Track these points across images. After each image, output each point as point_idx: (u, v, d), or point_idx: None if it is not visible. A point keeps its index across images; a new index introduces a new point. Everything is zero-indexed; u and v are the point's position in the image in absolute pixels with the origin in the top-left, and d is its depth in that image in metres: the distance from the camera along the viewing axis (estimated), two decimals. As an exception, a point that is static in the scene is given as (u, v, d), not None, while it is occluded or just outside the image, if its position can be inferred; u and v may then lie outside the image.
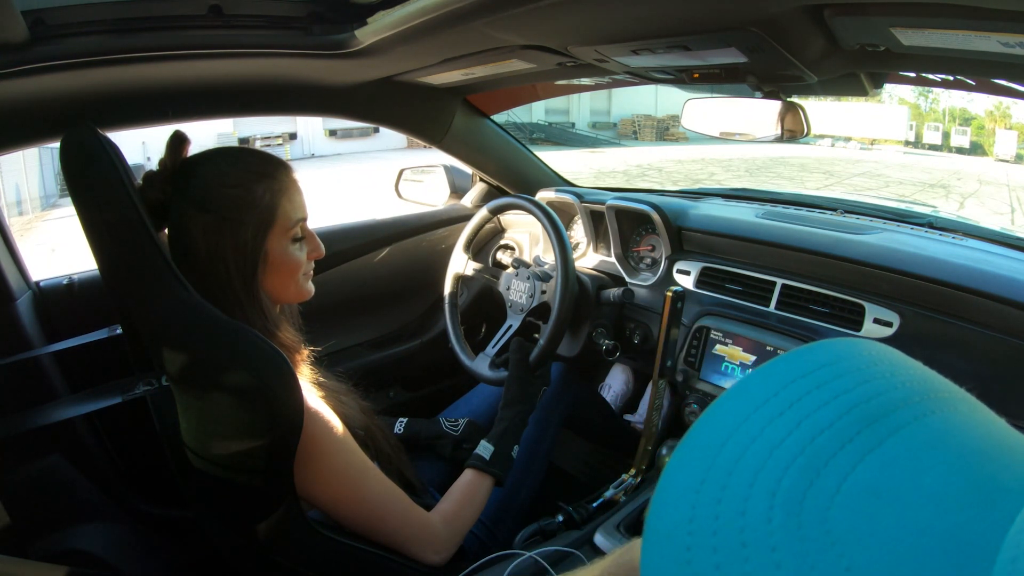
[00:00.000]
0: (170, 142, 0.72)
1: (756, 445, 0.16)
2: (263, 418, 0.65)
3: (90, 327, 0.96)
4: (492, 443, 0.93)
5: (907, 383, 0.17)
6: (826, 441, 0.15)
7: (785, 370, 0.18)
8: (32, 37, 0.75)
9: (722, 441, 0.17)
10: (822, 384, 0.17)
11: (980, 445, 0.15)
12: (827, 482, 0.15)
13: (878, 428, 0.15)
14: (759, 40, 0.75)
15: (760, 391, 0.17)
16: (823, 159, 19.44)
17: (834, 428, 0.16)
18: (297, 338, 0.79)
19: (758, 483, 0.15)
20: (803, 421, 0.16)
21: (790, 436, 0.16)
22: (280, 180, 0.74)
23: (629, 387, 1.55)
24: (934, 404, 0.16)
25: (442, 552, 0.82)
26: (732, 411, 0.17)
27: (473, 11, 0.73)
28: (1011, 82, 0.84)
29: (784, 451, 0.15)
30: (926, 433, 0.15)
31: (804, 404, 0.16)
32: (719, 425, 0.17)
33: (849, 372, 0.17)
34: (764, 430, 0.16)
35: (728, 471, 0.16)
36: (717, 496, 0.15)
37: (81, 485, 1.03)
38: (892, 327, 0.98)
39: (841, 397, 0.16)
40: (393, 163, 2.42)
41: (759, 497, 0.15)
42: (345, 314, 1.45)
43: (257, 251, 0.72)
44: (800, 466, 0.15)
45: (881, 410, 0.16)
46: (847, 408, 0.16)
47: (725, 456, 0.16)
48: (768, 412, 0.17)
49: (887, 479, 0.14)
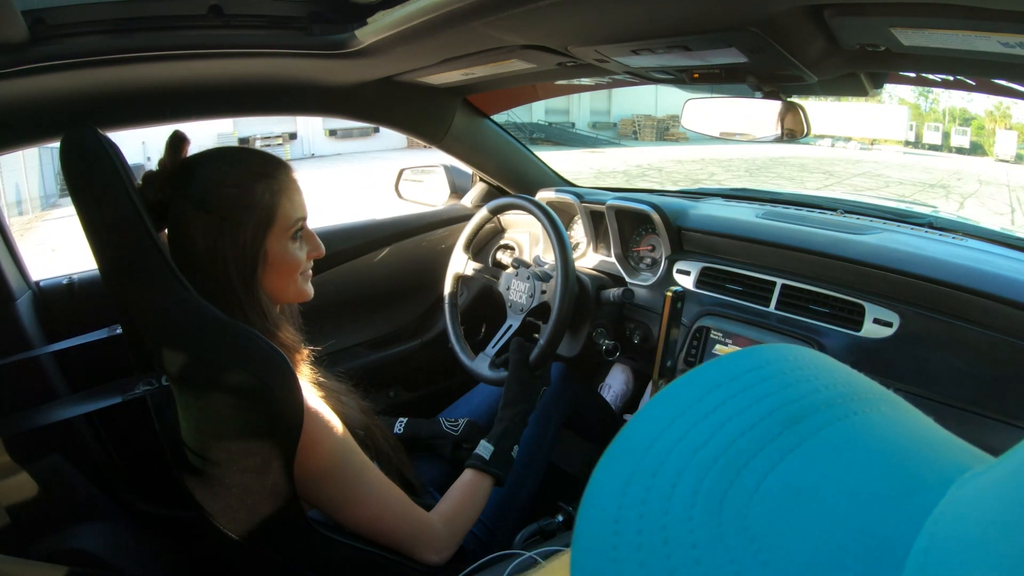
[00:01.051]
0: (169, 142, 0.72)
1: (680, 447, 0.16)
2: (263, 418, 0.65)
3: (90, 327, 0.96)
4: (492, 443, 0.93)
5: (830, 386, 0.17)
6: (747, 442, 0.16)
7: (711, 375, 0.18)
8: (32, 37, 0.75)
9: (648, 444, 0.17)
10: (746, 388, 0.17)
11: (900, 443, 0.16)
12: (746, 481, 0.15)
13: (799, 429, 0.16)
14: (759, 40, 0.75)
15: (686, 395, 0.18)
16: (823, 159, 19.45)
17: (756, 430, 0.16)
18: (297, 338, 0.79)
19: (681, 483, 0.16)
20: (726, 423, 0.16)
21: (713, 438, 0.16)
22: (280, 180, 0.74)
23: (629, 387, 1.55)
24: (856, 406, 0.17)
25: (442, 552, 0.82)
26: (659, 415, 0.18)
27: (473, 11, 0.73)
28: (1011, 82, 0.84)
29: (707, 452, 0.16)
30: (846, 433, 0.16)
31: (728, 407, 0.17)
32: (646, 428, 0.18)
33: (773, 376, 0.18)
34: (688, 432, 0.17)
35: (653, 472, 0.16)
36: (642, 496, 0.16)
37: (81, 485, 1.03)
38: (892, 327, 0.98)
39: (764, 400, 0.17)
40: (393, 163, 2.42)
41: (681, 496, 0.15)
42: (345, 314, 1.45)
43: (257, 251, 0.72)
44: (721, 466, 0.16)
45: (803, 412, 0.16)
46: (769, 411, 0.16)
47: (650, 458, 0.17)
48: (693, 415, 0.17)
49: (805, 477, 0.15)
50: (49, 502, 0.99)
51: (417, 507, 0.80)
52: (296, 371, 0.74)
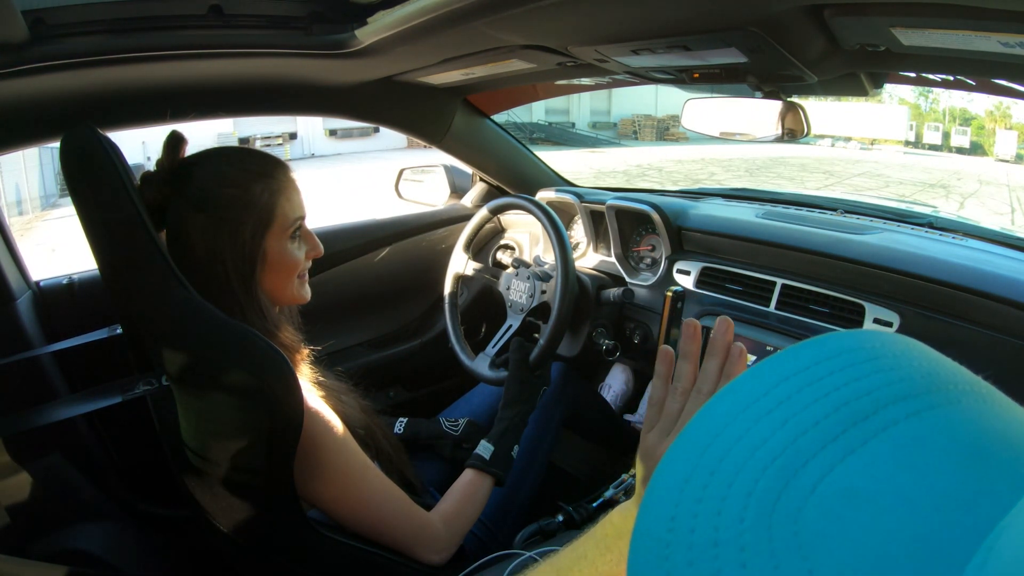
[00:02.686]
0: (167, 142, 0.72)
1: (740, 445, 0.16)
2: (263, 418, 0.65)
3: (90, 327, 0.95)
4: (492, 443, 0.93)
5: (907, 378, 0.16)
6: (808, 441, 0.15)
7: (781, 366, 0.17)
8: (32, 37, 0.75)
9: (709, 441, 0.16)
10: (815, 380, 0.16)
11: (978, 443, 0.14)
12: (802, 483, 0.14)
13: (865, 427, 0.15)
14: (759, 40, 0.75)
15: (752, 389, 0.17)
16: (823, 159, 19.44)
17: (819, 427, 0.15)
18: (297, 338, 0.79)
19: (736, 483, 0.15)
20: (789, 420, 0.16)
21: (774, 436, 0.15)
22: (278, 180, 0.74)
23: (629, 387, 1.55)
24: (935, 399, 0.15)
25: (442, 552, 0.82)
26: (722, 410, 0.17)
27: (473, 11, 0.73)
28: (1011, 82, 0.84)
29: (766, 451, 0.15)
30: (918, 431, 0.15)
31: (793, 402, 0.16)
32: (708, 425, 0.17)
33: (847, 367, 0.16)
34: (750, 430, 0.16)
35: (711, 471, 0.16)
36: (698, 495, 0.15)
37: (81, 485, 1.03)
38: (892, 327, 0.98)
39: (832, 394, 0.16)
40: (393, 163, 2.42)
41: (736, 497, 0.15)
42: (345, 314, 1.45)
43: (255, 251, 0.72)
44: (779, 467, 0.15)
45: (872, 407, 0.15)
46: (836, 406, 0.15)
47: (710, 456, 0.16)
48: (756, 411, 0.16)
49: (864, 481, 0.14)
50: (49, 502, 0.99)
51: (417, 507, 0.80)
52: (296, 371, 0.74)
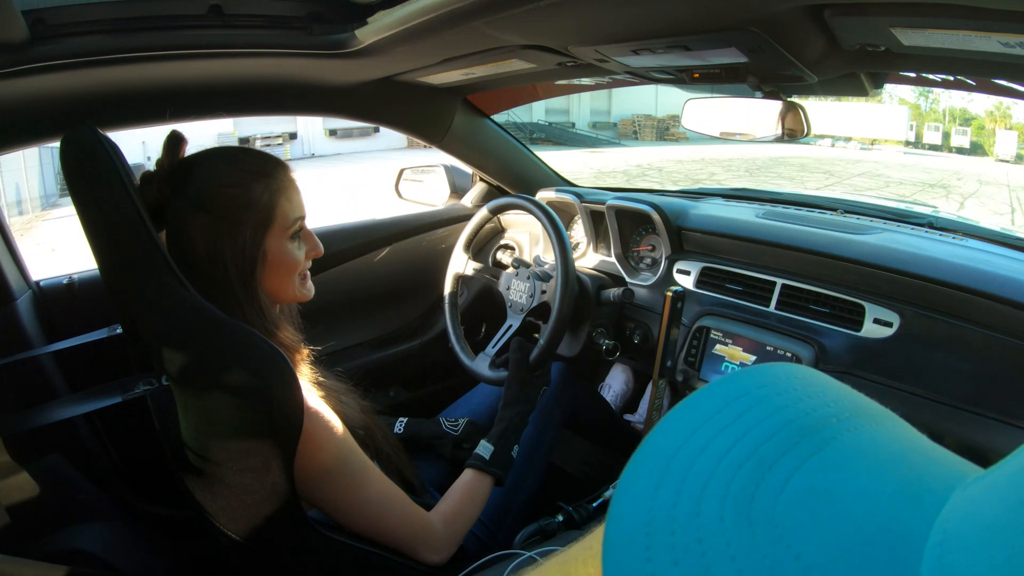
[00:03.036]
0: (167, 142, 0.72)
1: (706, 453, 0.18)
2: (263, 418, 0.65)
3: (90, 327, 0.95)
4: (492, 443, 0.93)
5: (837, 401, 0.19)
6: (769, 449, 0.17)
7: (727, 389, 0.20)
8: (32, 37, 0.75)
9: (674, 451, 0.18)
10: (762, 401, 0.19)
11: (904, 454, 0.18)
12: (772, 483, 0.17)
13: (815, 438, 0.17)
14: (759, 40, 0.75)
15: (707, 406, 0.19)
16: (823, 159, 19.44)
17: (776, 438, 0.18)
18: (297, 338, 0.79)
19: (710, 486, 0.17)
20: (748, 432, 0.18)
21: (737, 445, 0.18)
22: (278, 179, 0.74)
23: (629, 387, 1.55)
24: (861, 420, 0.19)
25: (442, 552, 0.82)
26: (681, 424, 0.19)
27: (473, 11, 0.72)
28: (1011, 82, 0.84)
29: (732, 458, 0.17)
30: (856, 443, 0.18)
31: (747, 418, 0.18)
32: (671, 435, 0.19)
33: (785, 392, 0.19)
34: (713, 440, 0.18)
35: (682, 477, 0.18)
36: (672, 500, 0.17)
37: (81, 485, 1.03)
38: (892, 327, 0.98)
39: (780, 412, 0.18)
40: (393, 163, 2.42)
41: (712, 498, 0.17)
42: (345, 314, 1.45)
43: (256, 250, 0.72)
44: (748, 470, 0.17)
45: (816, 424, 0.18)
46: (786, 422, 0.18)
47: (677, 464, 0.18)
48: (715, 425, 0.19)
49: (825, 480, 0.16)
50: (49, 502, 0.99)
51: (417, 507, 0.80)
52: (296, 371, 0.74)
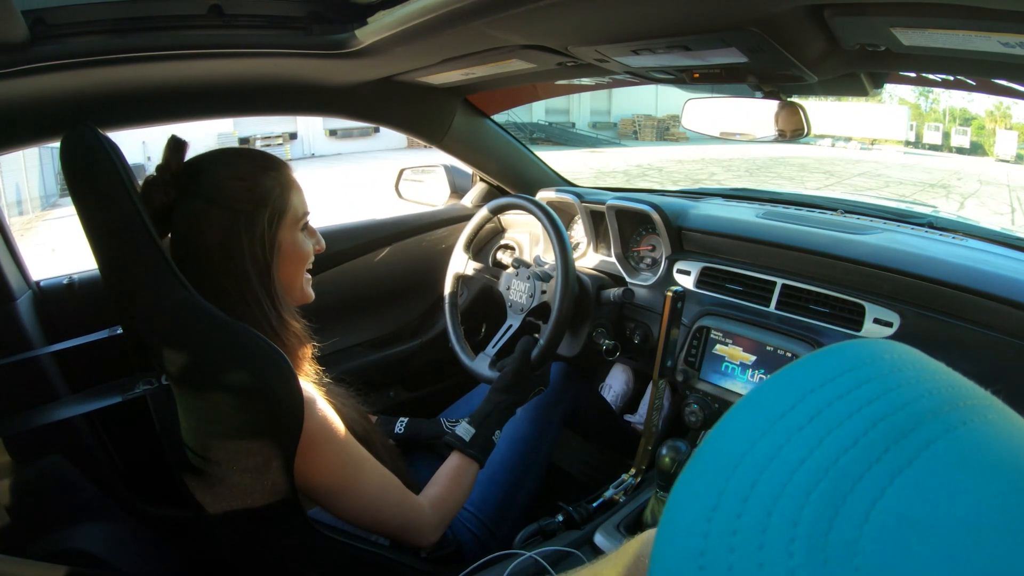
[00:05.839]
0: (169, 146, 0.72)
1: (774, 466, 0.14)
2: (263, 418, 0.65)
3: (90, 327, 0.96)
4: (473, 425, 0.93)
5: (934, 391, 0.15)
6: (851, 461, 0.14)
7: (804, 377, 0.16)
8: (32, 37, 0.75)
9: (736, 461, 0.15)
10: (845, 393, 0.15)
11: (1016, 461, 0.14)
12: (854, 509, 0.13)
13: (907, 444, 0.14)
14: (759, 40, 0.75)
15: (778, 401, 0.16)
16: (823, 159, 19.43)
17: (860, 445, 0.14)
18: (305, 330, 0.80)
19: (777, 511, 0.14)
20: (826, 438, 0.14)
21: (811, 455, 0.14)
22: (283, 174, 0.76)
23: (629, 387, 1.55)
24: (964, 414, 0.15)
25: (430, 536, 0.83)
26: (746, 425, 0.16)
27: (473, 11, 0.73)
28: (1011, 82, 0.84)
29: (805, 473, 0.14)
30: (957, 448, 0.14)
31: (826, 417, 0.15)
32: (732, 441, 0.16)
33: (873, 379, 0.16)
34: (783, 448, 0.15)
35: (743, 497, 0.14)
36: (732, 527, 0.14)
37: (81, 485, 1.03)
38: (892, 327, 0.98)
39: (866, 408, 0.15)
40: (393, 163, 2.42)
41: (779, 528, 0.13)
42: (345, 314, 1.45)
43: (273, 241, 0.73)
44: (824, 491, 0.14)
45: (909, 423, 0.14)
46: (873, 421, 0.14)
47: (739, 478, 0.15)
48: (786, 427, 0.15)
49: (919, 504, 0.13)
50: (49, 502, 0.99)
51: (410, 495, 0.81)
52: (301, 365, 0.75)
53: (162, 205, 0.71)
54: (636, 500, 0.92)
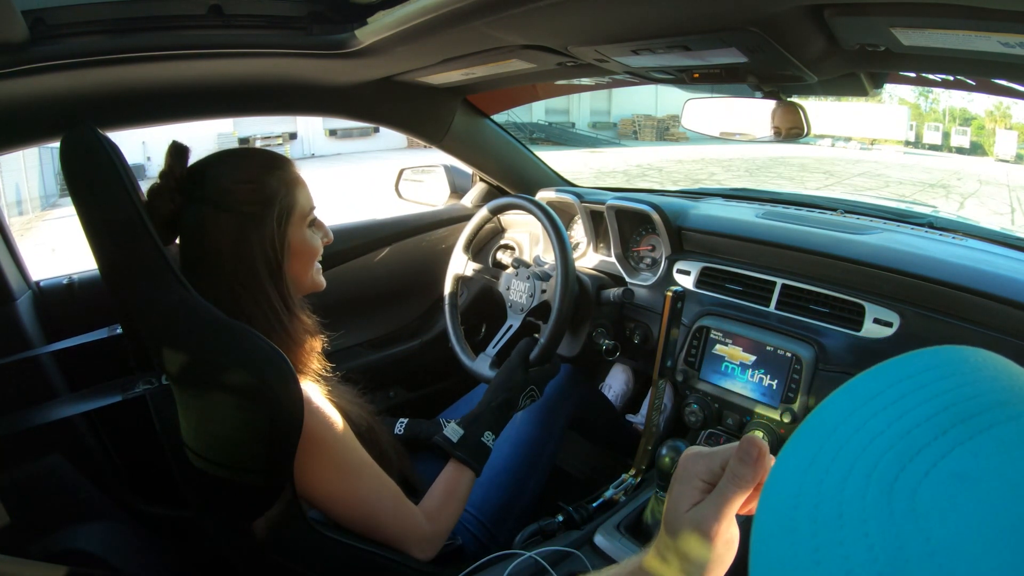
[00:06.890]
0: (172, 152, 0.72)
1: (860, 434, 0.18)
2: (263, 418, 0.65)
3: (90, 327, 0.95)
4: (462, 427, 0.91)
5: (1007, 388, 0.18)
6: (921, 433, 0.17)
7: (894, 370, 0.20)
8: (32, 37, 0.75)
9: (830, 430, 0.19)
10: (924, 385, 0.19)
11: None
12: (917, 467, 0.17)
13: (971, 424, 0.17)
14: (759, 40, 0.75)
15: (869, 388, 0.20)
16: (823, 159, 19.43)
17: (930, 422, 0.17)
18: (315, 323, 0.80)
19: (858, 465, 0.18)
20: (904, 415, 0.18)
21: (890, 428, 0.18)
22: (288, 171, 0.76)
23: (629, 387, 1.55)
24: None
25: (427, 550, 0.82)
26: (841, 405, 0.20)
27: (473, 11, 0.73)
28: (1011, 82, 0.84)
29: (883, 440, 0.18)
30: (1018, 432, 0.17)
31: (906, 401, 0.19)
32: (828, 416, 0.20)
33: (951, 375, 0.19)
34: (868, 422, 0.19)
35: (833, 456, 0.18)
36: (821, 477, 0.18)
37: (81, 485, 1.03)
38: (892, 327, 0.98)
39: (940, 396, 0.18)
40: (393, 163, 2.42)
41: (857, 477, 0.17)
42: (345, 314, 1.45)
43: (283, 240, 0.74)
44: (896, 452, 0.17)
45: (976, 409, 0.17)
46: (944, 406, 0.18)
47: (832, 442, 0.19)
48: (873, 407, 0.19)
49: (973, 467, 0.16)
50: (49, 502, 0.99)
51: (409, 504, 0.81)
52: (311, 360, 0.75)
53: (169, 212, 0.71)
54: (636, 500, 0.92)
